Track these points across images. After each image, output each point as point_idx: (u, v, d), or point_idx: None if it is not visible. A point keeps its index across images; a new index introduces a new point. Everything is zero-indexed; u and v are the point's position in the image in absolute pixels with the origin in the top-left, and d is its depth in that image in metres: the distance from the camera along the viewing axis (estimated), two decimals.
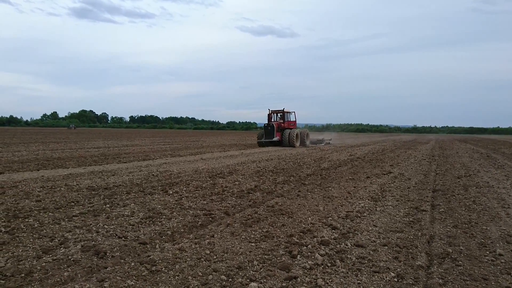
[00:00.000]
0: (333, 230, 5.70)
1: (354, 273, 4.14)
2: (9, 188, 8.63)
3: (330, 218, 6.39)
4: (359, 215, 6.68)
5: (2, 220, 5.85)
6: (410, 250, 4.93)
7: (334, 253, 4.73)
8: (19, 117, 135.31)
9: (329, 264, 4.35)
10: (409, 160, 18.05)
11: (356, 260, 4.51)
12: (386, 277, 4.03)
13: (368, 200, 8.01)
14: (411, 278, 4.03)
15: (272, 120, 30.51)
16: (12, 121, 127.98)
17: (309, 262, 4.38)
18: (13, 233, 5.23)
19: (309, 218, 6.37)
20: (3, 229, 5.38)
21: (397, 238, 5.41)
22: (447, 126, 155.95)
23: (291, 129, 29.68)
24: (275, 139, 28.48)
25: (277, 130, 28.93)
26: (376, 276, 4.06)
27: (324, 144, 33.63)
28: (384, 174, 12.28)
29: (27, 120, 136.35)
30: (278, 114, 30.70)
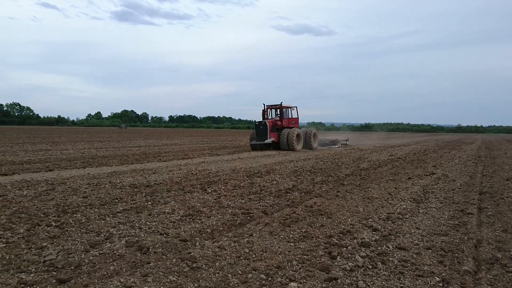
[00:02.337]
0: (373, 232, 5.57)
1: (396, 276, 4.03)
2: (58, 185, 9.09)
3: (370, 220, 6.26)
4: (401, 216, 6.50)
5: (53, 215, 6.17)
6: (456, 254, 4.73)
7: (375, 255, 4.62)
8: (66, 117, 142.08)
9: (370, 267, 4.26)
10: (453, 160, 17.34)
11: (399, 263, 4.39)
12: (430, 282, 3.89)
13: (410, 201, 7.77)
14: (458, 284, 3.87)
15: (269, 117, 25.32)
16: (60, 121, 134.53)
17: (349, 263, 4.31)
18: (63, 227, 5.51)
19: (349, 219, 6.27)
20: (53, 223, 5.68)
21: (442, 241, 5.21)
22: (494, 125, 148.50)
23: (291, 128, 24.20)
24: (268, 140, 23.01)
25: (272, 129, 23.47)
26: (419, 280, 3.93)
27: (339, 145, 29.37)
28: (427, 175, 11.86)
29: (73, 120, 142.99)
30: (275, 110, 25.29)
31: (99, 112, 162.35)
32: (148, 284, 3.68)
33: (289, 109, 25.30)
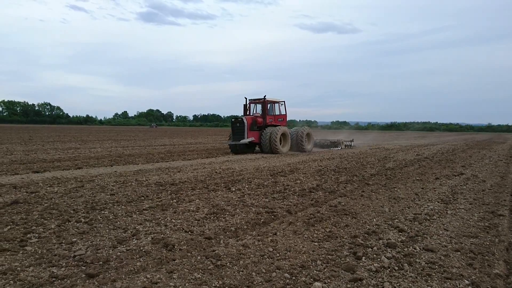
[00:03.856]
0: (400, 233, 5.47)
1: (423, 278, 3.94)
2: (87, 182, 9.35)
3: (396, 220, 6.15)
4: (428, 217, 6.35)
5: (82, 211, 6.36)
6: (486, 257, 4.59)
7: (402, 256, 4.54)
8: (94, 116, 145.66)
9: (396, 268, 4.18)
10: (483, 161, 16.80)
11: (426, 265, 4.29)
12: (459, 285, 3.79)
13: (438, 202, 7.58)
14: (488, 287, 3.76)
15: (252, 113, 21.43)
16: (88, 120, 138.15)
17: (375, 264, 4.25)
18: (92, 223, 5.66)
19: (374, 219, 6.17)
20: (82, 220, 5.84)
21: (471, 243, 5.06)
22: None
23: (275, 126, 20.39)
24: (244, 140, 19.14)
25: (251, 127, 19.63)
26: (448, 283, 3.83)
27: (342, 147, 25.67)
28: (455, 175, 11.55)
29: (101, 119, 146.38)
30: (258, 104, 21.33)
31: (126, 112, 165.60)
32: (174, 280, 3.74)
33: (275, 104, 21.41)
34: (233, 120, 20.00)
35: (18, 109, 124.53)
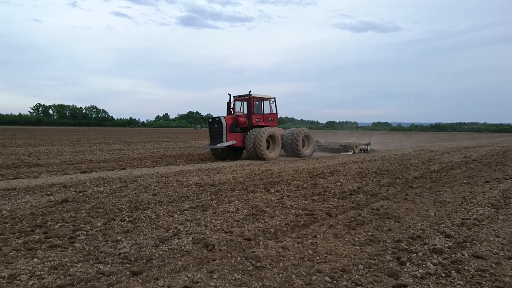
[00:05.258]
0: (446, 238, 5.23)
1: (473, 286, 3.74)
2: (131, 182, 9.67)
3: (442, 225, 5.88)
4: (477, 223, 6.03)
5: (126, 211, 6.57)
6: None
7: (449, 263, 4.33)
8: (137, 119, 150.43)
9: (443, 275, 4.00)
10: None
11: (475, 272, 4.07)
12: None
13: (488, 207, 7.19)
14: None
15: (239, 112, 18.15)
16: (131, 123, 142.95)
17: (420, 270, 4.08)
18: (135, 222, 5.84)
19: (419, 224, 5.94)
20: (126, 219, 6.04)
21: None
22: None
23: (262, 127, 17.34)
24: (221, 144, 16.21)
25: (232, 129, 16.78)
26: None
27: (356, 152, 21.73)
28: (507, 179, 10.91)
29: (143, 121, 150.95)
30: (245, 102, 18.20)
31: (167, 114, 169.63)
32: (214, 280, 3.78)
33: (264, 101, 18.35)
34: (210, 120, 17.36)
35: (67, 112, 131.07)
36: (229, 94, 18.24)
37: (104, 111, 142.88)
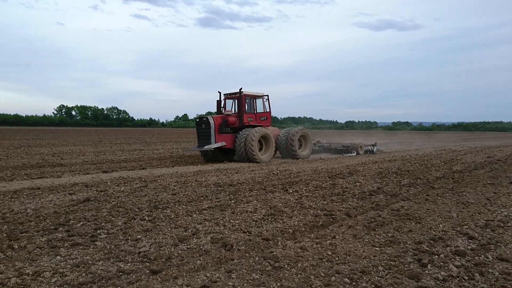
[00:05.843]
0: (469, 240, 5.10)
1: None
2: (150, 182, 9.79)
3: (465, 226, 5.74)
4: (502, 225, 5.86)
5: (146, 210, 6.66)
6: None
7: (472, 265, 4.22)
8: (156, 119, 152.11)
9: (466, 278, 3.90)
10: None
11: (500, 275, 3.96)
12: None
13: None
14: None
15: (233, 111, 17.26)
16: (151, 123, 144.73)
17: (442, 273, 3.99)
18: (155, 221, 5.90)
19: (440, 225, 5.82)
20: (146, 218, 6.12)
21: None
22: None
23: (254, 127, 16.40)
24: (209, 146, 15.39)
25: (221, 129, 15.94)
26: None
27: (361, 153, 20.49)
28: None
29: (163, 122, 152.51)
30: (235, 100, 17.23)
31: (186, 114, 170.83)
32: (232, 280, 3.78)
33: (256, 99, 17.34)
34: (197, 120, 16.54)
35: (89, 113, 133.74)
36: (219, 92, 17.34)
37: (124, 111, 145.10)
